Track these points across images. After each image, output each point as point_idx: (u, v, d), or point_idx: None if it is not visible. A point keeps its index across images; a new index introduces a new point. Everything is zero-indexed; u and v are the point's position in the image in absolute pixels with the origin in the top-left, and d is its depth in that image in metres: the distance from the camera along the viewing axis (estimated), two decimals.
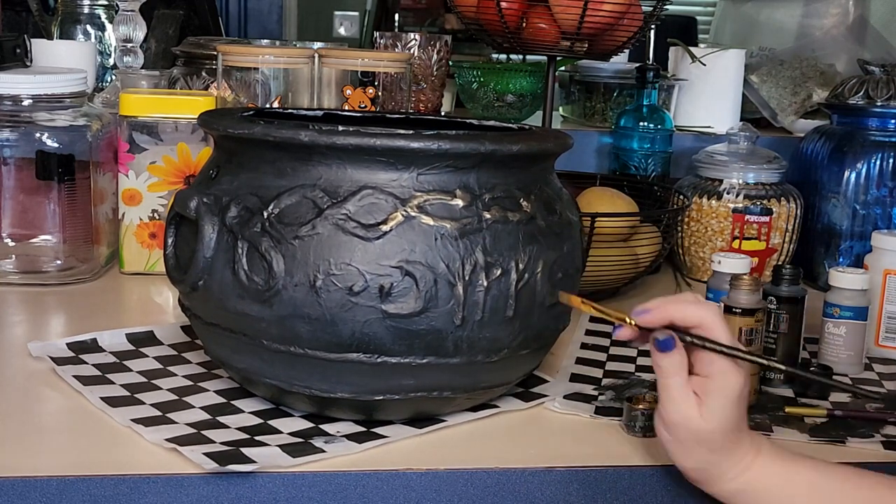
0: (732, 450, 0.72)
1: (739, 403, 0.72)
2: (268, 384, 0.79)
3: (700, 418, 0.71)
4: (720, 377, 0.71)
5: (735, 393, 0.71)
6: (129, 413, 0.80)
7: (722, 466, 0.72)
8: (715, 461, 0.72)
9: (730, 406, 0.71)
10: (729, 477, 0.72)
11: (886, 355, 1.06)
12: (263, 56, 1.25)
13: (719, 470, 0.72)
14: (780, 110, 1.68)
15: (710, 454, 0.72)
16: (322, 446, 0.75)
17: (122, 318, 1.07)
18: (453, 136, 0.75)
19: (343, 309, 0.73)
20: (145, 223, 1.21)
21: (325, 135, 0.74)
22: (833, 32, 1.79)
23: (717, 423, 0.71)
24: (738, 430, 0.72)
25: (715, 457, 0.72)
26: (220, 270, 0.77)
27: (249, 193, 0.77)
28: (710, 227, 1.32)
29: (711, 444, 0.71)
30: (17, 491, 0.69)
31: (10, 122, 1.15)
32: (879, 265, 1.07)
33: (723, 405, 0.71)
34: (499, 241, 0.76)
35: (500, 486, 0.75)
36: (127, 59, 1.40)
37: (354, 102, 1.23)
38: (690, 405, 0.71)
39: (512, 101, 1.63)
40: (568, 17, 1.24)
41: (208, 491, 0.71)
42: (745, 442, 0.73)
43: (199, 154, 1.21)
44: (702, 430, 0.71)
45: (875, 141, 1.30)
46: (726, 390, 0.71)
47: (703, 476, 0.73)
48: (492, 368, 0.79)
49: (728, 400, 0.71)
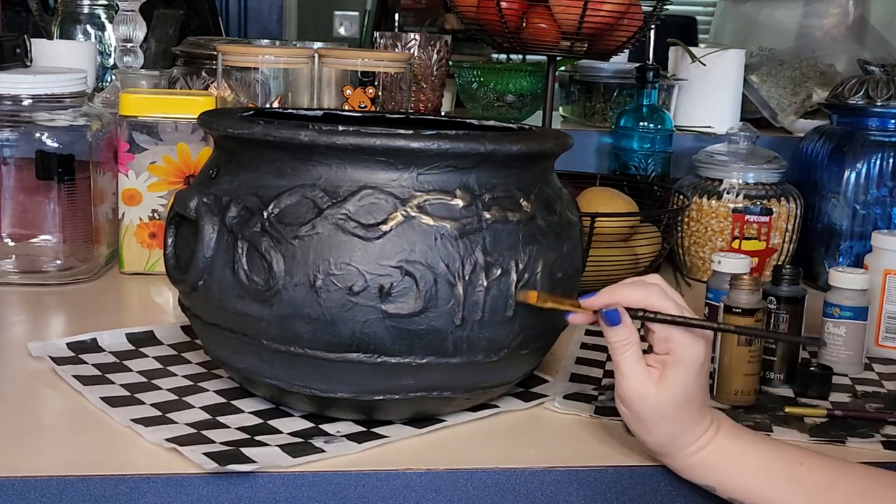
0: (692, 424, 0.73)
1: (699, 375, 0.72)
2: (268, 384, 0.79)
3: (657, 391, 0.72)
4: (678, 349, 0.72)
5: (695, 364, 0.72)
6: (129, 413, 0.80)
7: (682, 440, 0.73)
8: (675, 434, 0.73)
9: (689, 377, 0.72)
10: (688, 451, 0.73)
11: (886, 355, 1.06)
12: (263, 56, 1.25)
13: (679, 443, 0.73)
14: (780, 110, 1.68)
15: (671, 428, 0.72)
16: (322, 446, 0.75)
17: (122, 318, 1.07)
18: (453, 136, 0.75)
19: (343, 309, 0.73)
20: (145, 223, 1.21)
21: (325, 135, 0.74)
22: (833, 32, 1.79)
23: (674, 394, 0.71)
24: (699, 404, 0.73)
25: (676, 431, 0.72)
26: (220, 270, 0.77)
27: (249, 193, 0.77)
28: (710, 227, 1.32)
29: (669, 416, 0.72)
30: (16, 491, 0.69)
31: (10, 122, 1.15)
32: (879, 265, 1.07)
33: (681, 376, 0.71)
34: (499, 241, 0.76)
35: (500, 486, 0.75)
36: (127, 59, 1.40)
37: (354, 102, 1.23)
38: (644, 379, 0.72)
39: (512, 101, 1.63)
40: (568, 17, 1.24)
41: (208, 491, 0.71)
42: (707, 417, 0.74)
43: (199, 154, 1.21)
44: (659, 402, 0.72)
45: (875, 141, 1.30)
46: (684, 361, 0.72)
47: (663, 449, 0.74)
48: (492, 368, 0.79)
49: (687, 371, 0.72)
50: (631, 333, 0.73)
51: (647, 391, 0.72)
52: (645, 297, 0.73)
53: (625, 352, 0.73)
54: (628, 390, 0.73)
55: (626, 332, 0.73)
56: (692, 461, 0.73)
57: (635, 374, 0.72)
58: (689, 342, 0.72)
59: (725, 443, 0.73)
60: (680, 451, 0.73)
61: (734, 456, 0.73)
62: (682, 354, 0.72)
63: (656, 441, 0.74)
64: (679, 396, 0.72)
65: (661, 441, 0.73)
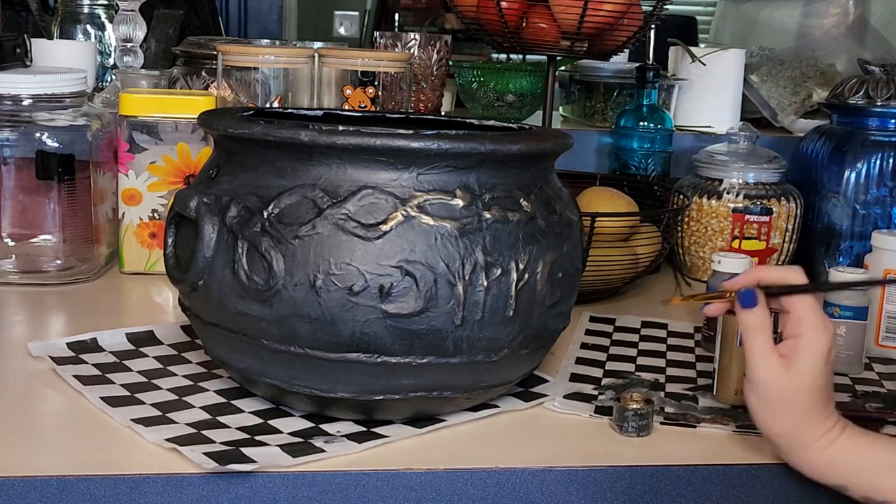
0: (820, 415, 0.72)
1: (827, 364, 0.72)
2: (268, 384, 0.79)
3: (786, 375, 0.71)
4: (808, 334, 0.71)
5: (823, 350, 0.71)
6: (129, 413, 0.80)
7: (810, 433, 0.72)
8: (802, 426, 0.71)
9: (818, 364, 0.71)
10: (817, 446, 0.72)
11: (886, 355, 1.06)
12: (263, 56, 1.25)
13: (807, 437, 0.72)
14: (780, 110, 1.68)
15: (798, 417, 0.71)
16: (322, 446, 0.75)
17: (122, 318, 1.07)
18: (453, 136, 0.75)
19: (343, 309, 0.73)
20: (145, 223, 1.21)
21: (325, 135, 0.74)
22: (833, 32, 1.79)
23: (804, 380, 0.71)
24: (825, 396, 0.72)
25: (803, 420, 0.71)
26: (220, 270, 0.77)
27: (249, 193, 0.77)
28: (710, 227, 1.32)
29: (798, 404, 0.71)
30: (16, 491, 0.69)
31: (10, 121, 1.15)
32: (879, 265, 1.07)
33: (811, 363, 0.71)
34: (499, 240, 0.76)
35: (500, 486, 0.75)
36: (127, 58, 1.40)
37: (354, 102, 1.23)
38: (775, 363, 0.71)
39: (512, 101, 1.63)
40: (568, 16, 1.24)
41: (208, 491, 0.71)
42: (833, 414, 0.73)
43: (199, 154, 1.21)
44: (788, 387, 0.71)
45: (875, 141, 1.30)
46: (813, 347, 0.71)
47: (791, 442, 0.72)
48: (492, 368, 0.79)
49: (815, 357, 0.71)
50: (764, 317, 0.72)
51: (778, 376, 0.71)
52: (784, 275, 0.73)
53: (757, 335, 0.72)
54: (760, 373, 0.72)
55: (760, 315, 0.72)
56: (822, 459, 0.72)
57: (767, 358, 0.72)
58: (818, 330, 0.71)
59: (854, 439, 0.72)
60: (808, 447, 0.72)
61: (864, 454, 0.72)
62: (810, 340, 0.71)
63: (782, 431, 0.72)
64: (807, 383, 0.71)
65: (788, 432, 0.72)
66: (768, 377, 0.71)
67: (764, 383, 0.72)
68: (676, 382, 0.95)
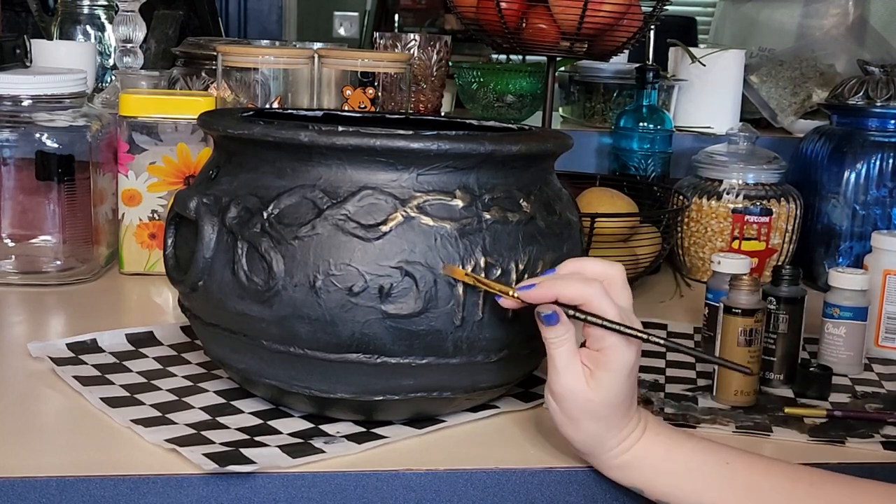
0: (619, 425, 0.72)
1: (629, 379, 0.72)
2: (267, 384, 0.79)
3: (587, 389, 0.71)
4: (610, 351, 0.71)
5: (625, 368, 0.71)
6: (129, 413, 0.80)
7: (608, 441, 0.73)
8: (601, 434, 0.72)
9: (619, 380, 0.71)
10: (614, 452, 0.73)
11: (886, 355, 1.06)
12: (263, 56, 1.25)
13: (605, 444, 0.73)
14: (780, 110, 1.68)
15: (597, 426, 0.72)
16: (322, 447, 0.75)
17: (121, 319, 1.07)
18: (453, 137, 0.75)
19: (343, 309, 0.73)
20: (145, 223, 1.21)
21: (324, 135, 0.74)
22: (833, 32, 1.79)
23: (604, 395, 0.71)
24: (626, 406, 0.72)
25: (601, 429, 0.72)
26: (220, 271, 0.77)
27: (249, 194, 0.77)
28: (710, 228, 1.32)
29: (597, 415, 0.72)
30: (16, 491, 0.69)
31: (9, 122, 1.15)
32: (879, 265, 1.07)
33: (611, 378, 0.71)
34: (499, 241, 0.76)
35: (500, 486, 0.75)
36: (127, 59, 1.40)
37: (354, 103, 1.23)
38: (577, 376, 0.71)
39: (512, 101, 1.63)
40: (568, 17, 1.24)
41: (208, 491, 0.71)
42: (633, 420, 0.74)
43: (198, 154, 1.21)
44: (588, 400, 0.71)
45: (875, 141, 1.30)
46: (616, 364, 0.71)
47: (589, 449, 0.74)
48: (492, 368, 0.79)
49: (617, 374, 0.71)
50: (567, 330, 0.72)
51: (579, 388, 0.71)
52: (583, 295, 0.71)
53: (560, 346, 0.72)
54: (561, 386, 0.72)
55: (562, 330, 0.72)
56: (616, 463, 0.73)
57: (569, 370, 0.72)
58: (622, 346, 0.71)
59: (650, 445, 0.73)
60: (605, 453, 0.73)
61: (659, 458, 0.73)
62: (613, 357, 0.71)
63: (582, 440, 0.73)
64: (608, 398, 0.71)
65: (587, 440, 0.73)
66: (569, 390, 0.72)
67: (566, 395, 0.72)
68: (676, 383, 0.95)
